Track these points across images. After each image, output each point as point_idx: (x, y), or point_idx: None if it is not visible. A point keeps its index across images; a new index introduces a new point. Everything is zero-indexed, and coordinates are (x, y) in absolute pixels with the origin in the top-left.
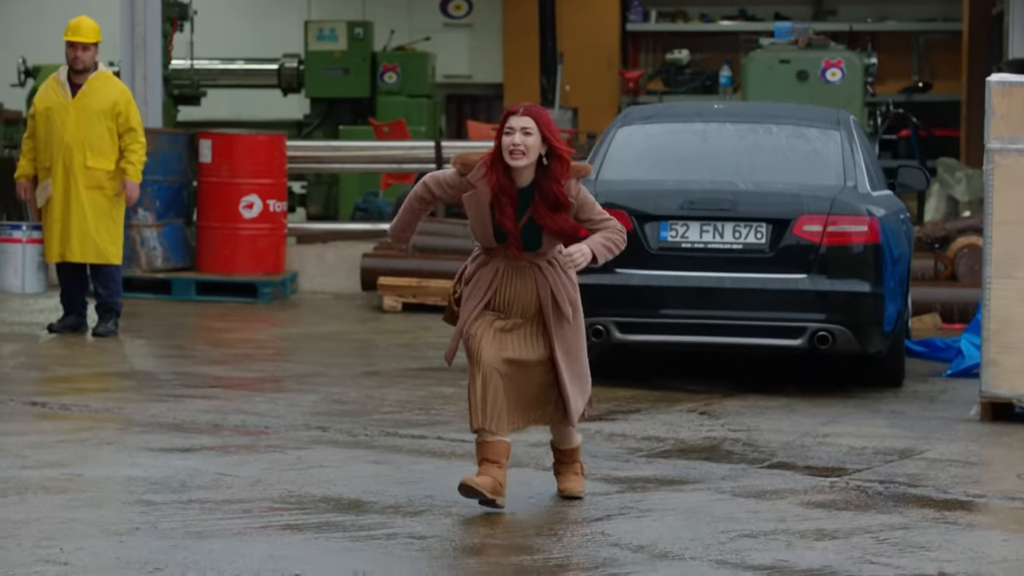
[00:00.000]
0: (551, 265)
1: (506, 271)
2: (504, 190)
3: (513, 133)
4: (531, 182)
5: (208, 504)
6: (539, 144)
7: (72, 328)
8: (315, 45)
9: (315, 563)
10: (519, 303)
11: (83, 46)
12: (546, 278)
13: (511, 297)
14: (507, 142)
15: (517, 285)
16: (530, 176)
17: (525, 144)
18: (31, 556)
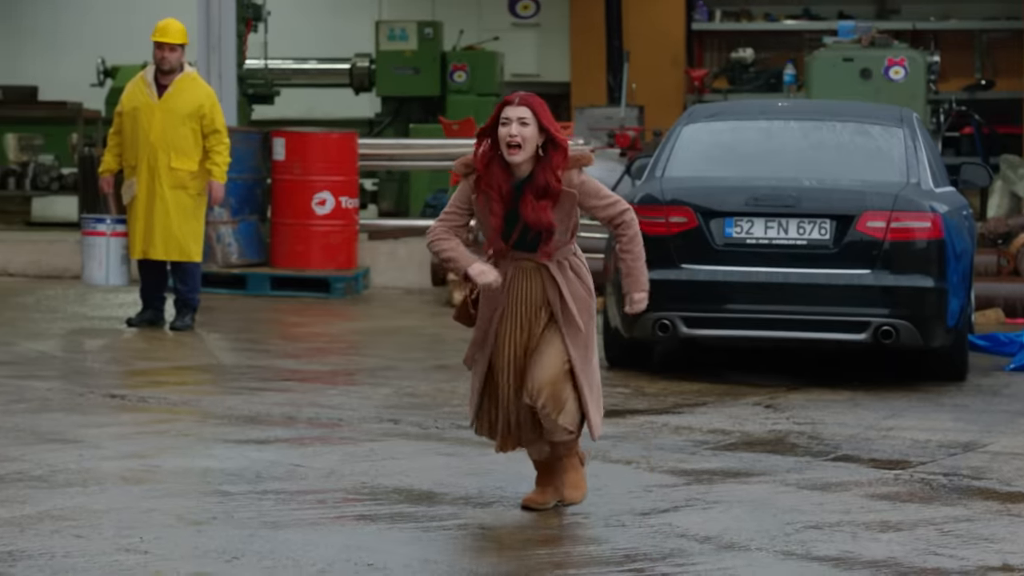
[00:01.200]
0: (561, 267)
1: (515, 275)
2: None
3: (510, 124)
4: (529, 174)
5: (283, 495)
6: (536, 134)
7: (150, 322)
8: (386, 45)
9: (388, 553)
10: (530, 307)
11: (170, 47)
12: (555, 281)
13: (521, 300)
14: (503, 133)
15: (526, 288)
16: (529, 168)
17: (522, 135)
18: (112, 545)
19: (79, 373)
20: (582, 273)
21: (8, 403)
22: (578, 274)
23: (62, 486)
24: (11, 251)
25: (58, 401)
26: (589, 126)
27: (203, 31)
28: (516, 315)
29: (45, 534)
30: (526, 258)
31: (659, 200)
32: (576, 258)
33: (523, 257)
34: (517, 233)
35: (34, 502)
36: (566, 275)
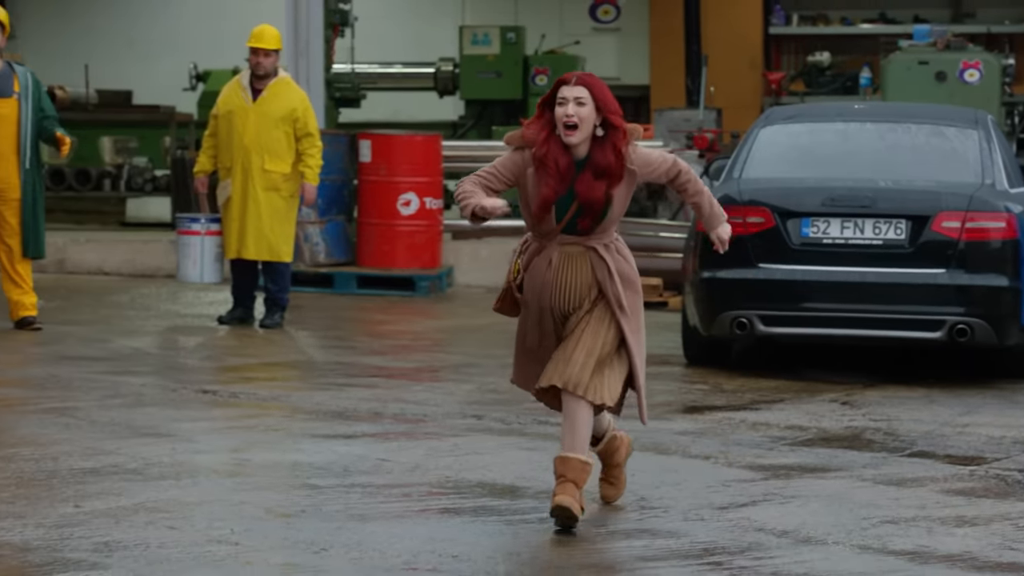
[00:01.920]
0: (608, 249)
1: (561, 260)
2: (556, 159)
3: (566, 103)
4: (586, 156)
5: (370, 488)
6: (593, 114)
7: (240, 320)
8: (469, 49)
9: (471, 545)
10: (576, 292)
11: (265, 52)
12: (604, 261)
13: (568, 285)
14: (560, 113)
15: (572, 272)
16: (585, 150)
17: (579, 115)
18: (204, 536)
19: (172, 369)
20: (628, 256)
21: (104, 398)
22: (624, 257)
23: (156, 479)
24: (106, 251)
25: (152, 396)
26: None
27: (291, 36)
28: (563, 300)
29: (140, 525)
30: (573, 242)
31: (737, 200)
32: (620, 243)
33: (570, 241)
34: (571, 214)
35: (129, 494)
36: (613, 256)
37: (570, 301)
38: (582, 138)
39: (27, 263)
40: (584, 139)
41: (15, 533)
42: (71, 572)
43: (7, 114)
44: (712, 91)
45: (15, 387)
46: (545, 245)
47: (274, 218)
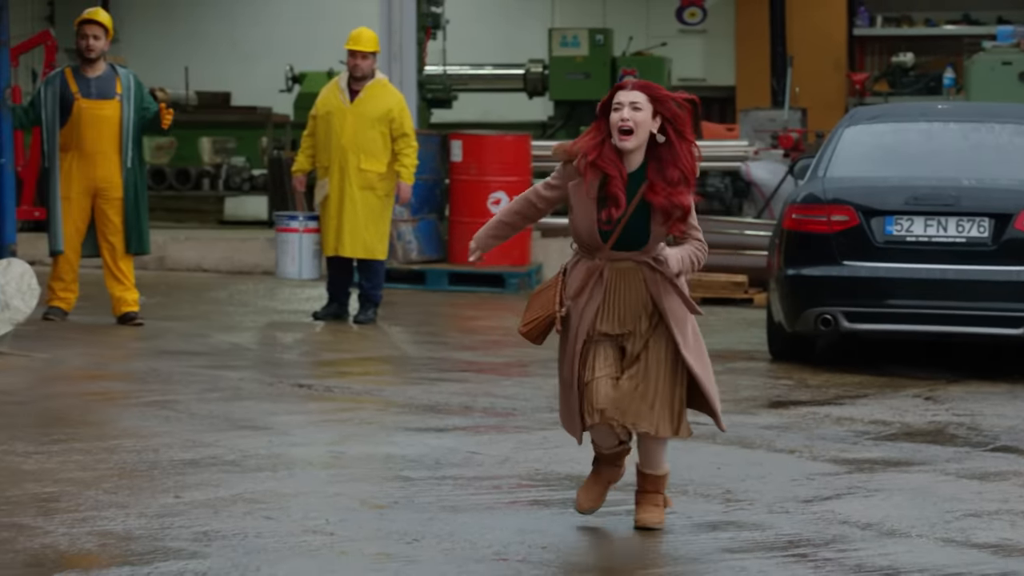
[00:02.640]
0: (653, 269)
1: (612, 276)
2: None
3: (622, 108)
4: (640, 166)
5: (461, 480)
6: (650, 121)
7: (335, 316)
8: (558, 51)
9: (560, 536)
10: (630, 311)
11: (362, 55)
12: (656, 278)
13: (620, 304)
14: (615, 118)
15: (624, 290)
16: (639, 160)
17: (634, 120)
18: (299, 527)
19: (269, 364)
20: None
21: (203, 392)
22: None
23: (253, 471)
24: (205, 248)
25: (250, 390)
26: (754, 128)
27: (385, 39)
28: (614, 316)
29: (238, 516)
30: (624, 257)
31: (821, 199)
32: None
33: (620, 257)
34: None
35: (227, 486)
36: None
37: (623, 321)
38: (636, 144)
39: (129, 260)
40: (639, 146)
41: (118, 523)
42: (172, 561)
43: (109, 115)
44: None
45: (118, 381)
46: (593, 262)
47: (369, 217)
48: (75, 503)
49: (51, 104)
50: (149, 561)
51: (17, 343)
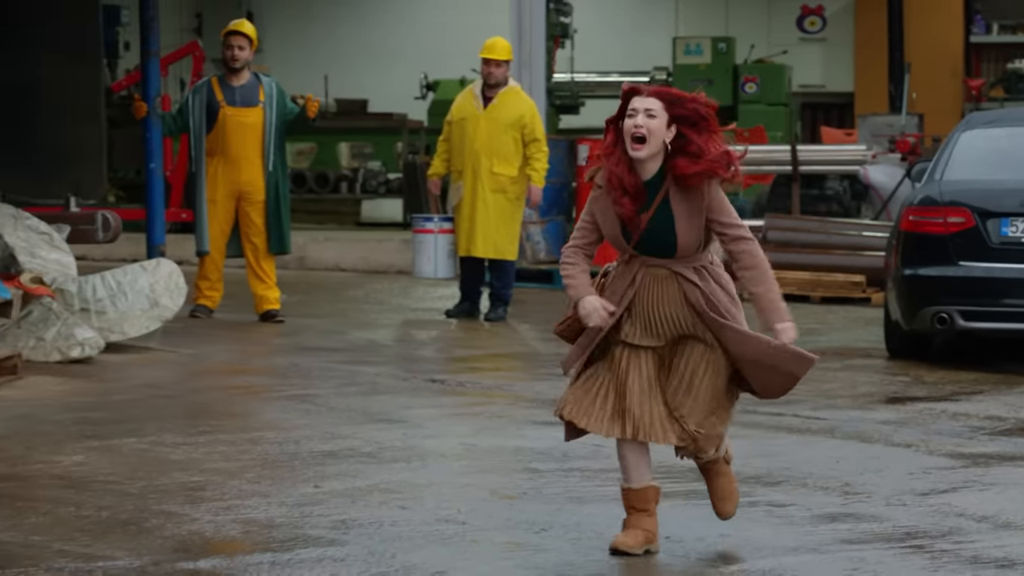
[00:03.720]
0: (699, 273)
1: (645, 280)
2: (621, 177)
3: (635, 115)
4: (657, 172)
5: (587, 472)
6: (664, 129)
7: (467, 314)
8: (682, 59)
9: (683, 527)
10: (667, 320)
11: (496, 63)
12: (696, 285)
13: (655, 312)
14: (628, 125)
15: (659, 297)
16: (656, 167)
17: (648, 127)
18: (432, 516)
19: (404, 359)
20: (723, 281)
21: (341, 386)
22: (719, 281)
23: (388, 462)
24: (343, 249)
25: (385, 385)
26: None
27: (516, 48)
28: (646, 319)
29: (374, 505)
30: (658, 264)
31: (938, 201)
32: (715, 267)
33: (655, 264)
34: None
35: (364, 476)
36: (704, 278)
37: (654, 320)
38: (650, 153)
39: (271, 260)
40: (652, 155)
41: (260, 511)
42: (311, 548)
43: (253, 122)
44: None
45: (260, 375)
46: (628, 269)
47: (501, 218)
48: (220, 492)
49: (198, 111)
50: (290, 548)
51: (165, 339)
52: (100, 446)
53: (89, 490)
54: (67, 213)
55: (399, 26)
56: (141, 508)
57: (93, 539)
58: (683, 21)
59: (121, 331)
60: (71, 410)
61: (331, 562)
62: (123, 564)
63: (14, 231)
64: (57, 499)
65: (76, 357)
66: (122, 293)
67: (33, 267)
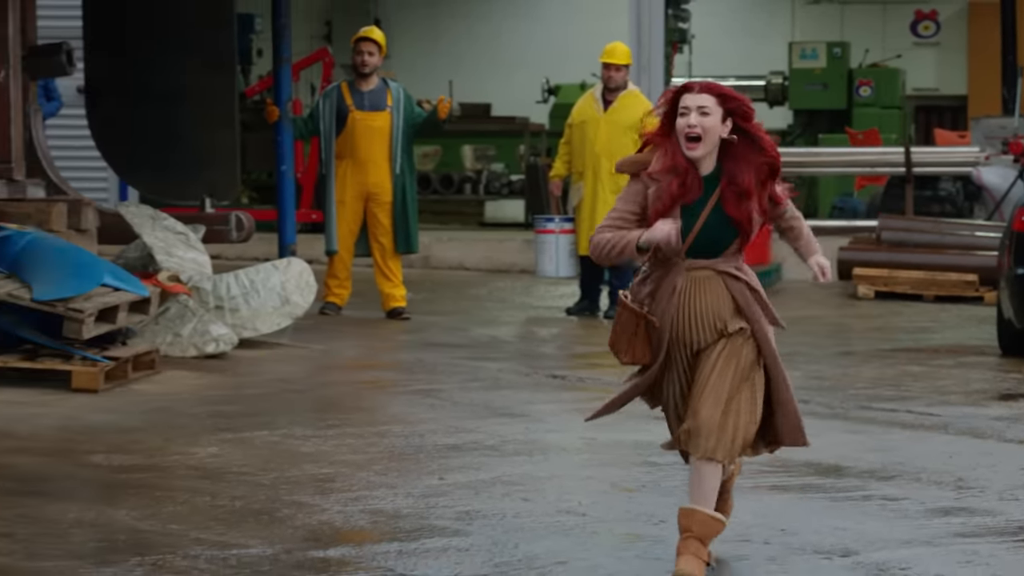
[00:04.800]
0: (736, 278)
1: (688, 284)
2: (684, 171)
3: (688, 113)
4: (714, 169)
5: None
6: (719, 125)
7: (586, 311)
8: (798, 63)
9: (799, 520)
10: (706, 322)
11: (616, 67)
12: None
13: (696, 314)
14: (681, 124)
15: (701, 299)
16: (710, 166)
17: (702, 126)
18: (554, 507)
19: (526, 356)
20: (755, 284)
21: (465, 382)
22: (751, 285)
23: (511, 455)
24: (467, 248)
25: (508, 380)
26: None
27: (635, 53)
28: (691, 330)
29: (496, 497)
30: (701, 266)
31: None
32: (746, 267)
33: (698, 266)
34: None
35: (487, 469)
36: (740, 280)
37: (699, 332)
38: (705, 152)
39: (397, 259)
40: (708, 153)
41: (387, 501)
42: (436, 537)
43: (381, 126)
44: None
45: (387, 371)
46: (668, 272)
47: None
48: (348, 483)
49: (328, 116)
50: (416, 538)
51: (296, 335)
52: (234, 438)
53: (223, 481)
54: (202, 214)
55: (521, 33)
56: (273, 498)
57: (227, 528)
58: (799, 26)
59: (254, 327)
60: (206, 403)
61: (455, 552)
62: (256, 552)
63: (152, 231)
64: (193, 489)
65: (211, 352)
66: (255, 291)
67: (170, 266)
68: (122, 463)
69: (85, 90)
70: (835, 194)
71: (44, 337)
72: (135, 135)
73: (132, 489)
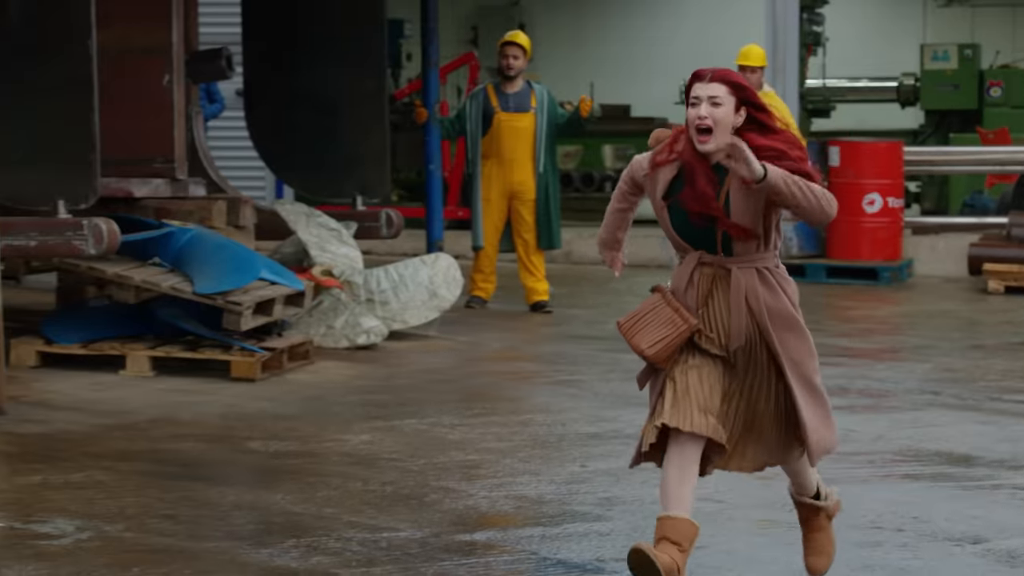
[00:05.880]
0: (762, 276)
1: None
2: (695, 163)
3: (699, 104)
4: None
5: (838, 455)
6: (732, 116)
7: None
8: (929, 65)
9: (929, 508)
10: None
11: (751, 69)
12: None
13: (714, 317)
14: (691, 115)
15: (713, 294)
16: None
17: (713, 117)
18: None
19: None
20: (787, 287)
21: (605, 372)
22: (783, 287)
23: None
24: None
25: None
26: None
27: (770, 55)
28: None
29: (636, 484)
30: (711, 262)
31: None
32: (779, 270)
33: (708, 261)
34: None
35: (627, 456)
36: (767, 282)
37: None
38: (717, 145)
39: (540, 254)
40: (720, 147)
41: (531, 488)
42: (579, 523)
43: (525, 127)
44: None
45: (530, 362)
46: (686, 263)
47: None
48: (493, 470)
49: (475, 117)
50: (559, 523)
51: (443, 328)
52: (384, 426)
53: (375, 467)
54: (354, 211)
55: (660, 37)
56: (422, 484)
57: (378, 512)
58: (930, 28)
59: (403, 320)
60: (358, 393)
61: (597, 536)
62: (406, 535)
63: (307, 228)
64: (346, 475)
65: (362, 344)
66: (404, 285)
67: (324, 261)
68: (278, 449)
69: (243, 93)
70: (966, 192)
71: (205, 328)
72: (291, 136)
73: (288, 474)
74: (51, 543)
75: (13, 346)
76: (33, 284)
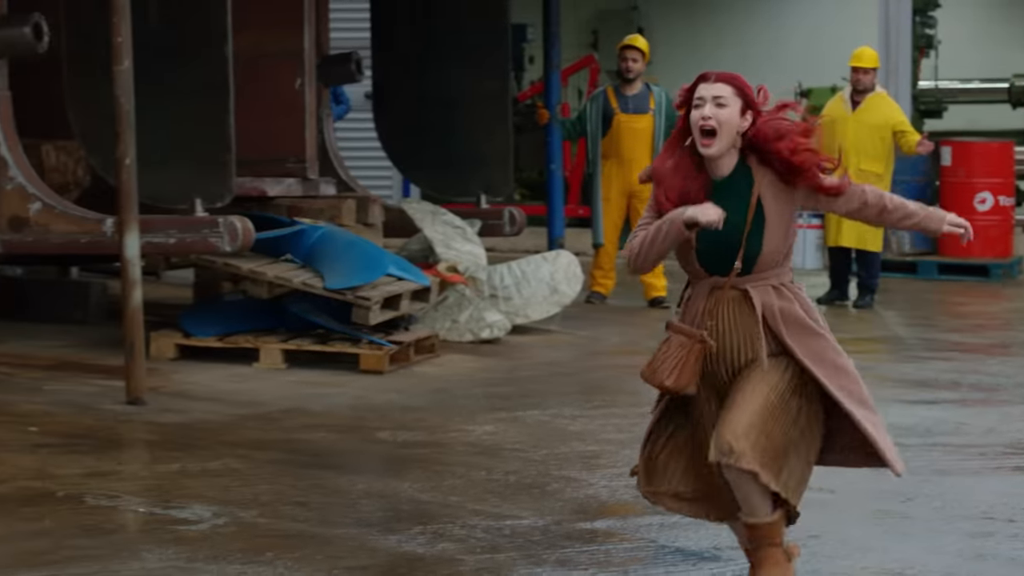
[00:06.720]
0: (778, 291)
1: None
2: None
3: (703, 105)
4: (732, 172)
5: (949, 447)
6: (737, 118)
7: (836, 300)
8: None
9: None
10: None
11: (864, 70)
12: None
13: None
14: (695, 116)
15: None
16: (730, 165)
17: (718, 118)
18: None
19: None
20: (805, 303)
21: None
22: (800, 302)
23: None
24: None
25: None
26: None
27: (884, 57)
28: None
29: None
30: (722, 284)
31: None
32: (794, 285)
33: (720, 284)
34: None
35: None
36: (783, 296)
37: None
38: (721, 149)
39: None
40: (725, 150)
41: None
42: None
43: (643, 127)
44: None
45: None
46: (696, 288)
47: None
48: (613, 460)
49: (595, 118)
50: None
51: (564, 323)
52: (507, 417)
53: (498, 457)
54: (478, 209)
55: (775, 39)
56: (543, 473)
57: (502, 500)
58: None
59: (525, 315)
60: (482, 385)
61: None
62: (528, 523)
63: (432, 226)
64: (470, 464)
65: (486, 338)
66: (526, 281)
67: (449, 257)
68: (406, 439)
69: (372, 96)
70: None
71: (335, 323)
72: (418, 136)
73: (415, 463)
74: (189, 528)
75: (153, 339)
76: (172, 279)
